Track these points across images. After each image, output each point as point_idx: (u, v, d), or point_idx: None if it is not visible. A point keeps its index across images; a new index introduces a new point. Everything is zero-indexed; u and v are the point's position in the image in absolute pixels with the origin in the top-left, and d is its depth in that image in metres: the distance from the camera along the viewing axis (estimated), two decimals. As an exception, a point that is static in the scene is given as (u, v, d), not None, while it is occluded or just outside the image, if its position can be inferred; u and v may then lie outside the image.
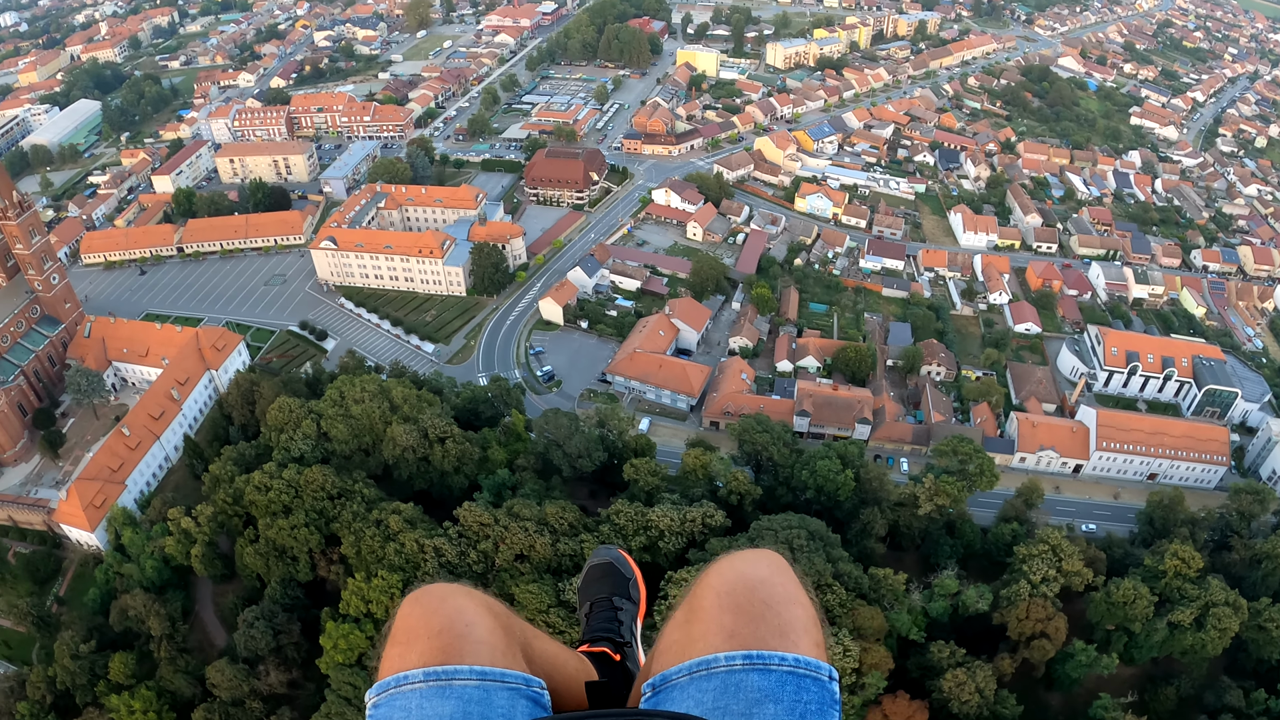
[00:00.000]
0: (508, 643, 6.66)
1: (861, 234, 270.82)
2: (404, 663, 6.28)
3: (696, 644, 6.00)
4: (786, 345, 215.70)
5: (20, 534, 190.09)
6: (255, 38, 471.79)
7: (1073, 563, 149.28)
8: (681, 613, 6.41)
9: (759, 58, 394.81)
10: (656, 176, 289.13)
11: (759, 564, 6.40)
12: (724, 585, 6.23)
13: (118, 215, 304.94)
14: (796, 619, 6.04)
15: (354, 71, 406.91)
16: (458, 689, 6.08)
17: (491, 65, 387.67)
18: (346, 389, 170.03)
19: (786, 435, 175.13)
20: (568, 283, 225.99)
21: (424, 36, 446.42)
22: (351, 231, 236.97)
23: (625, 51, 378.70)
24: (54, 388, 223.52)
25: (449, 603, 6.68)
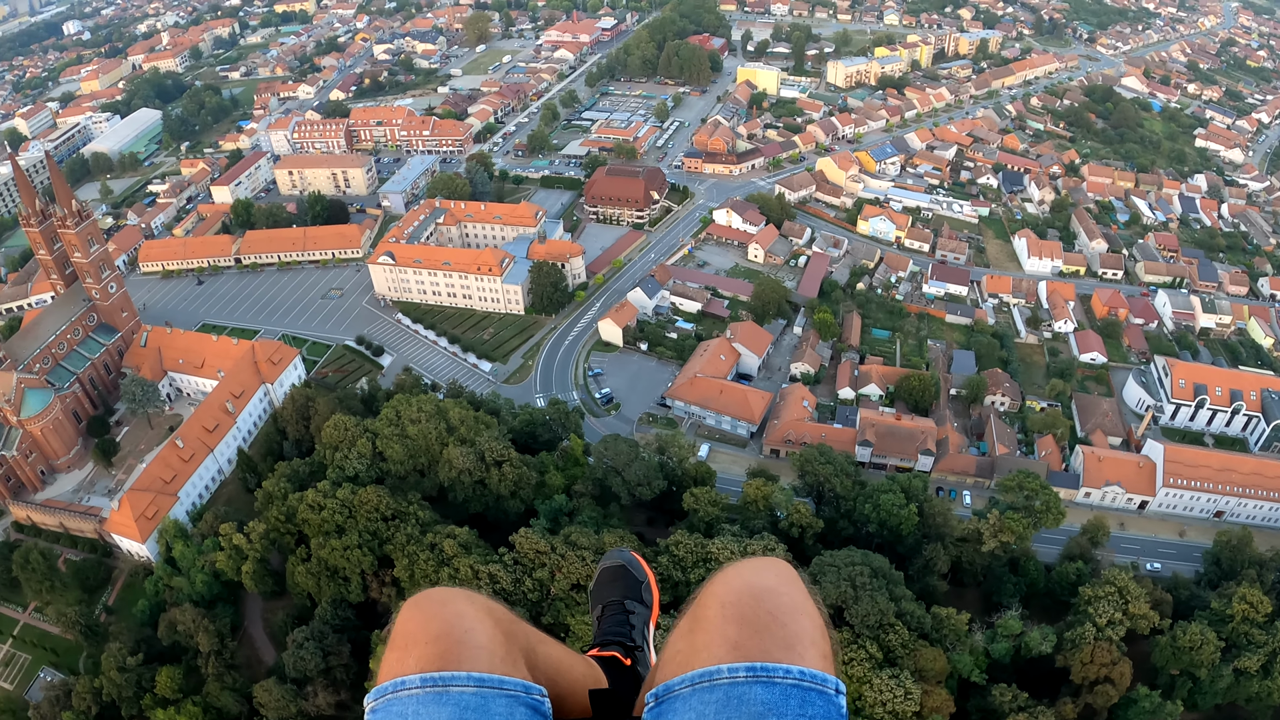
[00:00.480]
0: (508, 648, 6.62)
1: (924, 258, 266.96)
2: (402, 668, 6.29)
3: (700, 654, 5.95)
4: (849, 372, 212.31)
5: (71, 541, 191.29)
6: (315, 50, 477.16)
7: (1139, 606, 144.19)
8: (686, 621, 6.37)
9: (820, 76, 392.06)
10: (717, 196, 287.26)
11: (765, 572, 6.34)
12: (729, 595, 6.18)
13: (176, 224, 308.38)
14: (803, 630, 5.98)
15: (413, 85, 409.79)
16: (454, 695, 6.07)
17: (551, 80, 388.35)
18: (403, 408, 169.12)
19: (849, 467, 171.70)
20: (628, 304, 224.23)
21: (483, 51, 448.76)
22: (410, 247, 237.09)
23: (685, 68, 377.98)
24: (109, 396, 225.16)
25: (449, 607, 6.66)
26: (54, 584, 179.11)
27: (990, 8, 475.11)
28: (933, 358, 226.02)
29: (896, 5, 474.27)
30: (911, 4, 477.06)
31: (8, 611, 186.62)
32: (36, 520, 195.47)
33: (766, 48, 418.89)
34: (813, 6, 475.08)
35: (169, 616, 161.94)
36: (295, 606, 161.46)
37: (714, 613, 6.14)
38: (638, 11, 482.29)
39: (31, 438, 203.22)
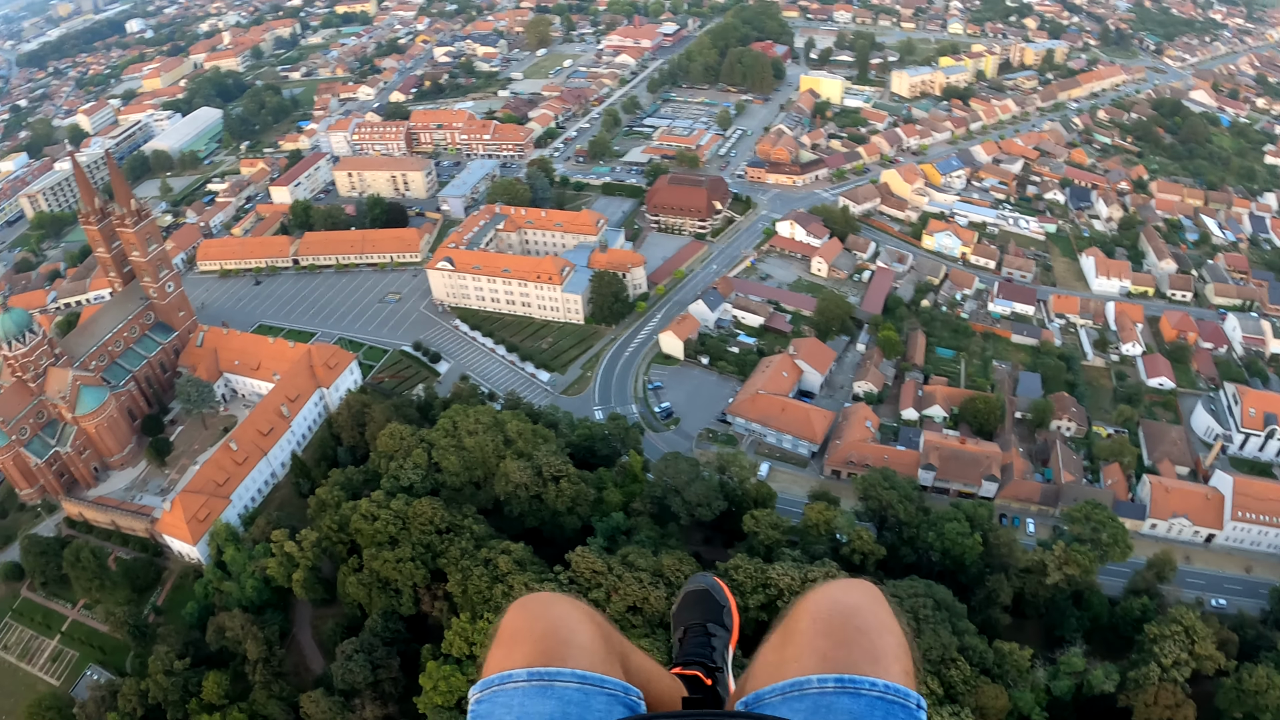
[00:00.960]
0: (607, 651, 7.07)
1: (990, 275, 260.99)
2: (508, 662, 6.71)
3: (790, 665, 6.41)
4: (912, 392, 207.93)
5: (123, 539, 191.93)
6: (375, 51, 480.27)
7: (1205, 646, 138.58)
8: (777, 636, 6.87)
9: (883, 85, 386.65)
10: (780, 207, 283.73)
11: (854, 591, 6.82)
12: (820, 610, 6.66)
13: (235, 224, 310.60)
14: (888, 646, 6.38)
15: (473, 88, 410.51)
16: (559, 690, 6.48)
17: (612, 86, 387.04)
18: (460, 419, 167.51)
19: (913, 492, 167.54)
20: (689, 316, 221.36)
21: (544, 55, 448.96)
22: (469, 253, 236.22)
23: (748, 76, 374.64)
24: (164, 395, 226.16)
25: (554, 609, 7.18)
26: (104, 583, 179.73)
27: (1056, 17, 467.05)
28: (998, 379, 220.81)
29: (960, 14, 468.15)
30: (975, 13, 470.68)
31: (57, 607, 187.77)
32: (89, 517, 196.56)
33: (830, 55, 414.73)
34: (876, 15, 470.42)
35: (218, 621, 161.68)
36: (345, 616, 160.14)
37: (805, 626, 6.57)
38: (699, 17, 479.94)
39: (86, 435, 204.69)
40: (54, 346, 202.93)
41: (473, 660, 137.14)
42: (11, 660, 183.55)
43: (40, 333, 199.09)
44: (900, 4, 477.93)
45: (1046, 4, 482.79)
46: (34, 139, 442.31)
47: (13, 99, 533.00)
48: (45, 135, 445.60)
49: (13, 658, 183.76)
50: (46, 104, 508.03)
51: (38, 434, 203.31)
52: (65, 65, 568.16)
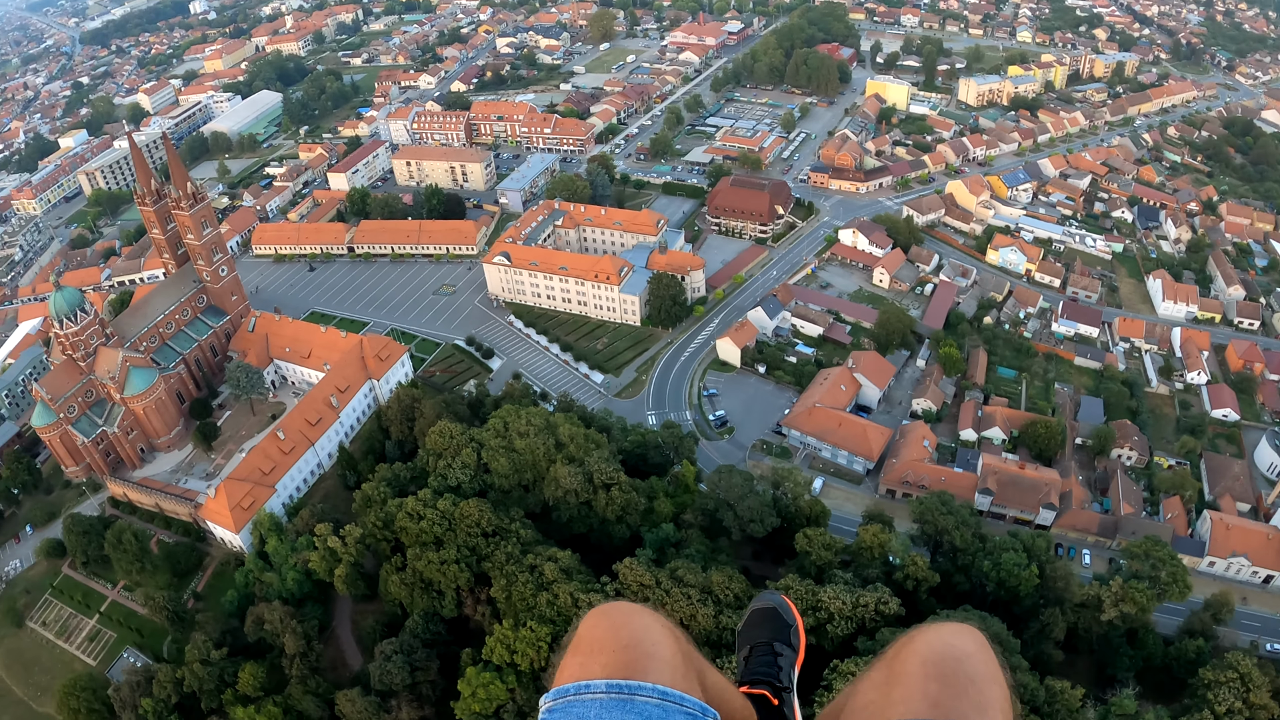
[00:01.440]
0: (687, 668, 6.86)
1: (1055, 294, 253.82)
2: (586, 672, 6.50)
3: (896, 707, 6.31)
4: (972, 412, 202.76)
5: (165, 522, 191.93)
6: (437, 40, 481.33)
7: (1260, 695, 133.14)
8: (880, 674, 6.79)
9: (950, 92, 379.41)
10: (843, 214, 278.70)
11: (965, 638, 6.67)
12: (931, 654, 6.52)
13: (291, 209, 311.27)
14: (995, 698, 6.28)
15: (535, 80, 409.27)
16: (639, 705, 6.28)
17: (675, 83, 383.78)
18: (511, 420, 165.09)
19: (971, 519, 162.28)
20: (748, 323, 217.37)
21: (607, 49, 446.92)
22: (526, 249, 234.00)
23: (813, 78, 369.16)
24: (213, 378, 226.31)
25: (636, 620, 6.95)
26: (144, 565, 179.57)
27: (1126, 29, 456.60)
28: (1059, 403, 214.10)
29: (1029, 22, 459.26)
30: (1045, 21, 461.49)
31: (97, 587, 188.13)
32: (133, 498, 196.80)
33: (896, 60, 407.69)
34: (943, 20, 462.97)
35: (257, 611, 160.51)
36: (386, 614, 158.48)
37: (914, 669, 6.43)
38: (765, 16, 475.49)
39: (133, 415, 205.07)
40: (105, 326, 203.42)
41: (514, 668, 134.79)
42: (49, 637, 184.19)
43: (92, 312, 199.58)
44: (968, 10, 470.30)
45: (1116, 15, 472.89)
46: (94, 116, 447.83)
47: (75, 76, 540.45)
48: (106, 113, 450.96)
49: (51, 634, 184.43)
50: (108, 82, 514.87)
51: (85, 413, 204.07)
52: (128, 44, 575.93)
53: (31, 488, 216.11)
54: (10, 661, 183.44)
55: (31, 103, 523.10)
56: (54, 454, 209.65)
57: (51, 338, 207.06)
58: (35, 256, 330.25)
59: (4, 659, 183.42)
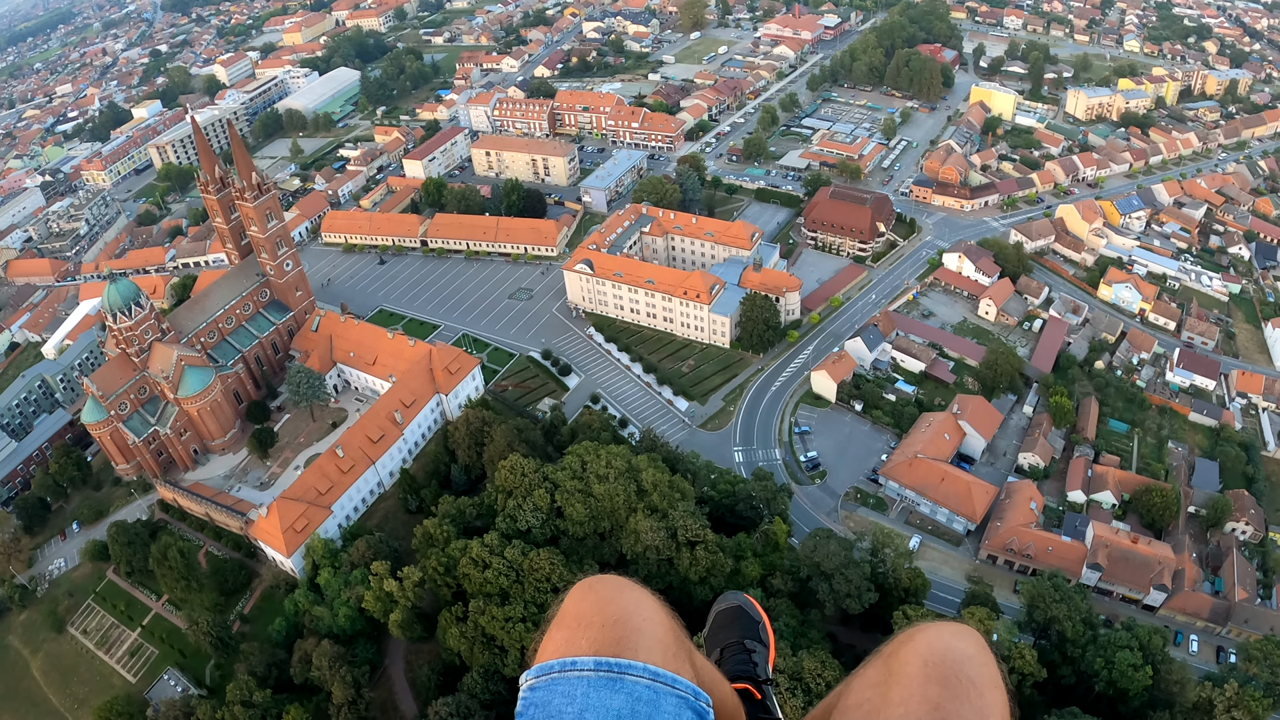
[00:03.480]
0: (679, 648, 6.62)
1: (1169, 339, 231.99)
2: (572, 648, 6.24)
3: (895, 708, 6.11)
4: (1082, 471, 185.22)
5: (215, 533, 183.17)
6: (522, 21, 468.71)
7: None
8: (876, 672, 6.51)
9: (1057, 103, 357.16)
10: (946, 233, 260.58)
11: (967, 640, 6.47)
12: (932, 655, 6.30)
13: (363, 195, 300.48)
14: (996, 704, 6.11)
15: (622, 69, 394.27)
16: (628, 684, 6.05)
17: (769, 79, 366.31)
18: (589, 459, 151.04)
19: (1085, 609, 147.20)
20: (846, 355, 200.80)
21: (697, 38, 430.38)
22: (611, 258, 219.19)
23: (914, 81, 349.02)
24: (273, 377, 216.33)
25: (625, 594, 6.67)
26: (190, 583, 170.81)
27: (1236, 41, 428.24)
28: (1173, 465, 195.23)
29: (1137, 30, 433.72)
30: (1152, 30, 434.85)
31: (141, 596, 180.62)
32: (183, 504, 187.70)
33: (1000, 65, 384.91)
34: (1048, 23, 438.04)
35: (305, 647, 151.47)
36: (442, 663, 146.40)
37: (915, 670, 6.20)
38: (862, 11, 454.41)
39: (187, 416, 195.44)
40: (161, 320, 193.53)
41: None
42: (90, 647, 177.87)
43: (147, 305, 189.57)
44: (1073, 14, 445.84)
45: (1225, 27, 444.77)
46: (170, 86, 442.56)
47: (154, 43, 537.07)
48: (181, 83, 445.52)
49: (91, 644, 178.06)
50: (186, 51, 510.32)
51: (138, 410, 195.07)
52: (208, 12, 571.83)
53: (80, 483, 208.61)
54: (49, 668, 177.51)
55: (109, 69, 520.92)
56: (104, 450, 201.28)
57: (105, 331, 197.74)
58: (101, 231, 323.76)
59: (43, 665, 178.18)
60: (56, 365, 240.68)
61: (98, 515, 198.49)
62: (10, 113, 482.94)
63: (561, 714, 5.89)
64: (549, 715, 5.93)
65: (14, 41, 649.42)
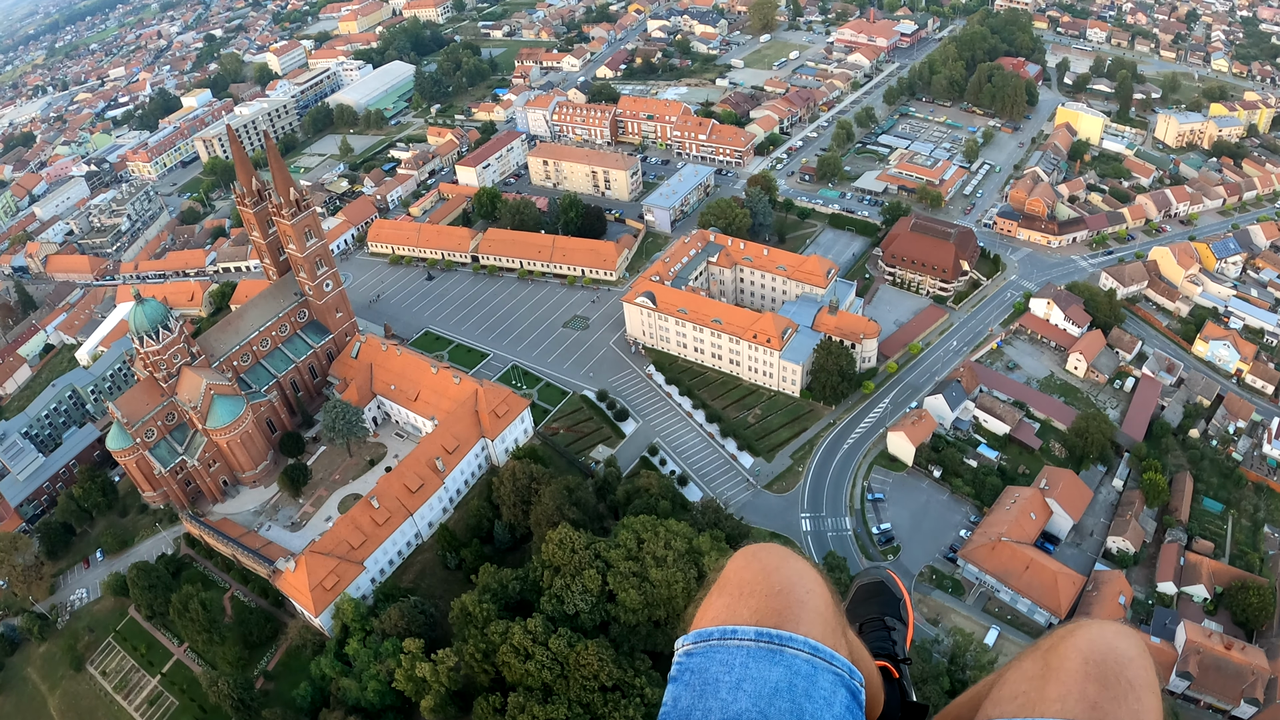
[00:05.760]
0: (838, 623, 6.61)
1: (1266, 405, 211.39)
2: (733, 615, 6.29)
3: (1051, 703, 5.99)
4: (1174, 560, 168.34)
5: (243, 576, 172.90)
6: (584, 17, 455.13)
7: None
8: (1034, 665, 6.37)
9: (1146, 127, 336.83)
10: (1031, 271, 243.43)
11: (1130, 640, 6.36)
12: (1093, 653, 6.21)
13: (413, 202, 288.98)
14: (1152, 709, 6.02)
15: (688, 72, 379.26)
16: (789, 657, 6.07)
17: (843, 89, 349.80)
18: (646, 536, 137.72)
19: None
20: (926, 415, 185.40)
21: (766, 41, 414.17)
22: (675, 292, 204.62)
23: (997, 98, 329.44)
24: (310, 404, 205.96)
25: (790, 564, 6.65)
26: (213, 636, 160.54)
27: None
28: (1269, 554, 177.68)
29: (1224, 48, 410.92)
30: (1240, 48, 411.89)
31: (162, 639, 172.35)
32: (209, 543, 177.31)
33: (1086, 83, 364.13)
34: (1133, 37, 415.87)
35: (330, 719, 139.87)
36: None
37: (1075, 666, 6.09)
38: (939, 17, 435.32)
39: (217, 447, 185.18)
40: (191, 344, 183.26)
41: None
42: (108, 690, 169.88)
43: (177, 328, 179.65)
44: (1158, 28, 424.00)
45: None
46: (221, 74, 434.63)
47: (209, 27, 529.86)
48: (233, 71, 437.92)
49: (110, 687, 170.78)
50: (240, 36, 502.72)
51: (165, 437, 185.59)
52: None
53: (105, 508, 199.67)
54: (66, 708, 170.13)
55: (163, 53, 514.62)
56: (130, 477, 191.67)
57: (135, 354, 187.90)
58: (143, 228, 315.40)
59: (61, 704, 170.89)
60: (89, 375, 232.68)
61: (122, 545, 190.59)
62: (63, 94, 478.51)
63: (719, 682, 5.90)
64: (705, 682, 5.95)
65: (73, 20, 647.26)
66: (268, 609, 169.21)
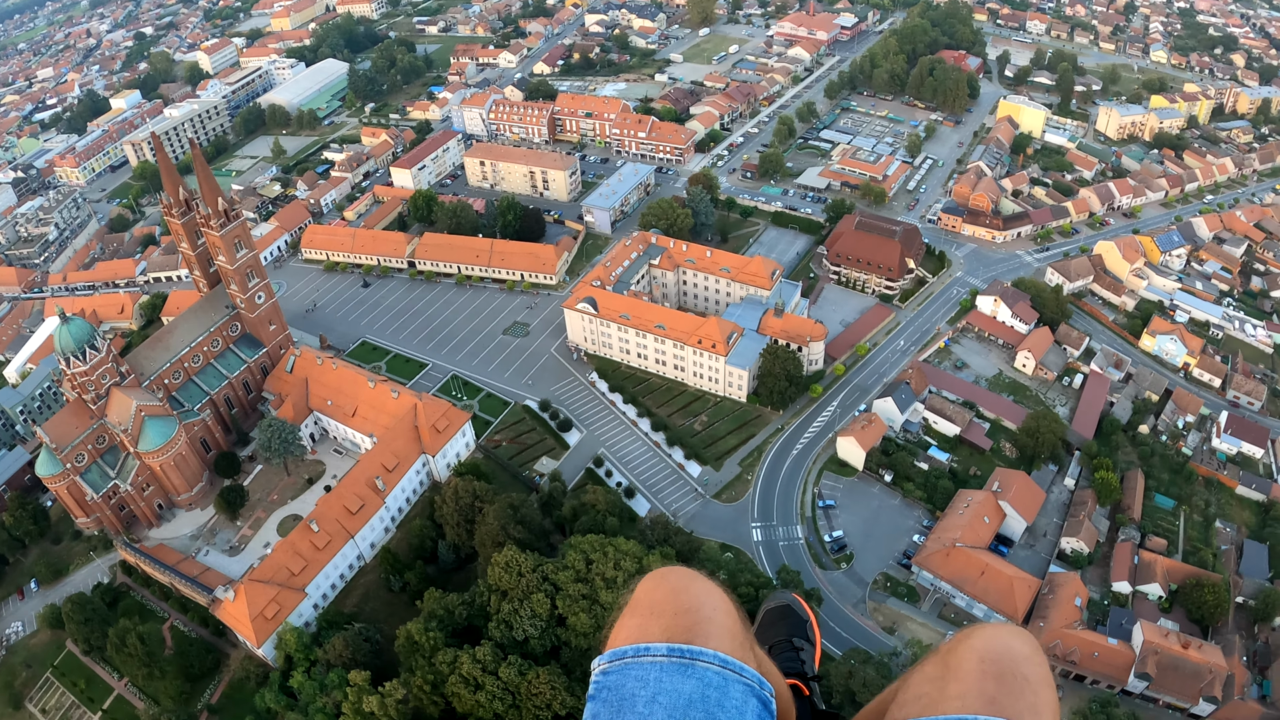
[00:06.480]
0: (745, 637, 6.86)
1: (1214, 398, 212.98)
2: (645, 634, 6.50)
3: (951, 701, 6.25)
4: (1128, 559, 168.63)
5: (181, 605, 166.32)
6: (521, 11, 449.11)
7: None
8: (934, 668, 6.65)
9: (1087, 120, 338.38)
10: (977, 267, 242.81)
11: (1023, 640, 6.65)
12: (989, 652, 6.48)
13: (348, 205, 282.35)
14: (1048, 702, 6.29)
15: (626, 67, 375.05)
16: (700, 670, 6.30)
17: (784, 84, 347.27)
18: (595, 557, 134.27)
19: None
20: (876, 419, 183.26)
21: (706, 35, 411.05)
22: (617, 297, 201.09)
23: (939, 91, 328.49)
24: (245, 421, 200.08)
25: (696, 585, 6.98)
26: (153, 671, 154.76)
27: (1264, 54, 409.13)
28: (1221, 548, 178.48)
29: (1163, 39, 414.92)
30: (1179, 39, 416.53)
31: (102, 674, 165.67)
32: (145, 570, 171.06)
33: (1027, 75, 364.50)
34: (1072, 28, 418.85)
35: None
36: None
37: (972, 666, 6.36)
38: (879, 10, 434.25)
39: (150, 470, 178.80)
40: (120, 363, 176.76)
41: None
42: None
43: (104, 347, 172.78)
44: (1098, 20, 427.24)
45: (1251, 37, 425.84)
46: (151, 74, 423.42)
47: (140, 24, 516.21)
48: (164, 70, 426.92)
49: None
50: (171, 34, 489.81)
51: (97, 461, 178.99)
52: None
53: (38, 536, 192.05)
54: None
55: (93, 52, 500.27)
56: (61, 503, 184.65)
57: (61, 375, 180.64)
58: (71, 237, 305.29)
59: None
60: (16, 395, 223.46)
61: (57, 574, 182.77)
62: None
63: (635, 697, 6.10)
64: (622, 699, 6.13)
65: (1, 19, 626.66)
66: (209, 639, 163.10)
